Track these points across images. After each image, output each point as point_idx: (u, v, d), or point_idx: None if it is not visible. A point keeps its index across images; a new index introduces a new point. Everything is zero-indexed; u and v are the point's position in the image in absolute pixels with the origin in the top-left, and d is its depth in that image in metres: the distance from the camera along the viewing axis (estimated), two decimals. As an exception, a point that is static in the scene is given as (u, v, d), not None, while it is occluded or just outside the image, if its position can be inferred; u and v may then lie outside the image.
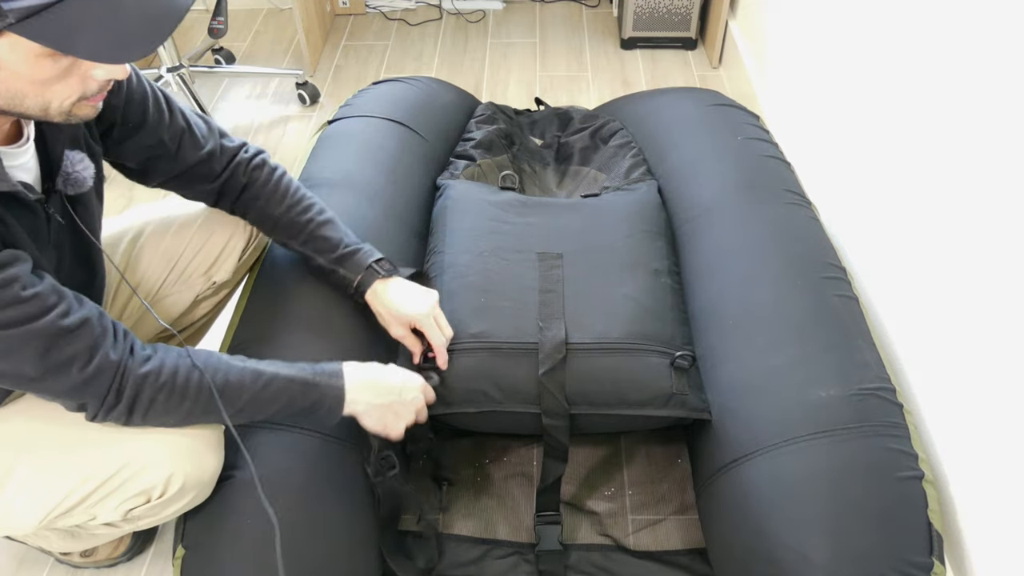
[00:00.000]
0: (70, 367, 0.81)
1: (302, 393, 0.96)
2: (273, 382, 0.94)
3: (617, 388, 1.16)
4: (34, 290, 0.79)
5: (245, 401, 0.93)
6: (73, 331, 0.81)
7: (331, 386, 0.98)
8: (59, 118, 0.78)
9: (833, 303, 1.21)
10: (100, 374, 0.83)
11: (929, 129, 1.16)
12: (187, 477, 0.94)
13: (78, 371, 0.82)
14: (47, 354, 0.80)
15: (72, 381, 0.82)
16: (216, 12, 2.15)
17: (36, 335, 0.79)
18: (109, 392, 0.85)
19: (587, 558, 1.22)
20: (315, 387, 0.97)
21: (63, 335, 0.80)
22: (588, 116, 1.83)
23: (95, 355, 0.83)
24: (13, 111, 0.76)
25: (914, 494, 0.99)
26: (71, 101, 0.77)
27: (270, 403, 0.94)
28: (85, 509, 0.94)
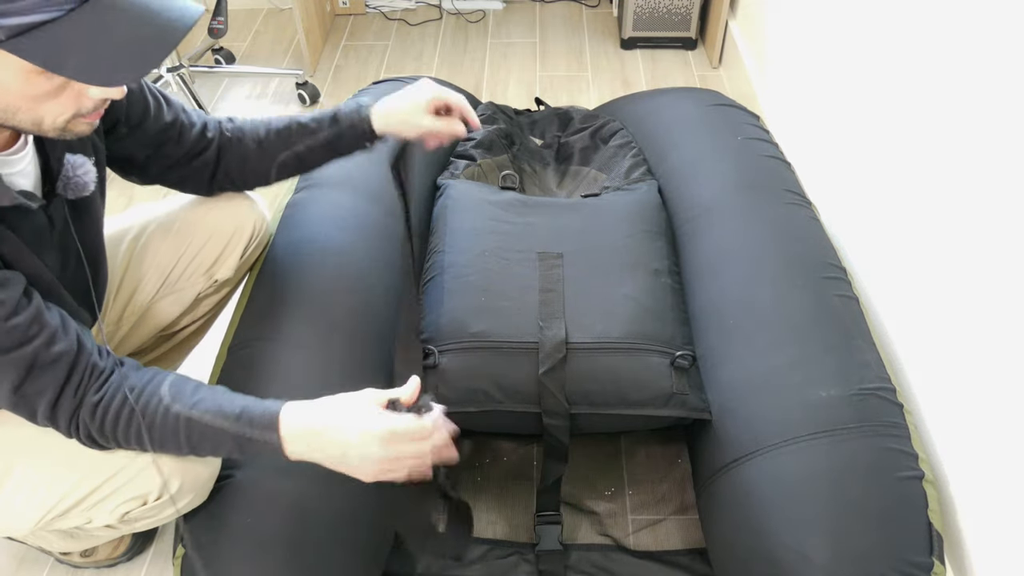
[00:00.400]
0: (40, 399, 0.82)
1: (239, 449, 0.87)
2: (204, 437, 0.86)
3: (617, 388, 1.16)
4: (16, 320, 0.78)
5: (185, 451, 0.88)
6: (46, 366, 0.81)
7: (263, 443, 0.85)
8: (53, 133, 0.77)
9: (833, 303, 1.21)
10: (61, 411, 0.83)
11: (929, 129, 1.16)
12: (184, 480, 0.94)
13: (45, 406, 0.82)
14: (21, 385, 0.80)
15: (42, 411, 0.83)
16: (216, 12, 2.16)
17: (11, 365, 0.79)
18: (70, 426, 0.84)
19: (587, 558, 1.22)
20: (248, 443, 0.86)
21: (39, 367, 0.80)
22: (588, 116, 1.83)
23: (62, 393, 0.82)
24: (6, 124, 0.76)
25: (914, 494, 0.99)
26: (65, 118, 0.76)
27: (209, 449, 0.88)
28: (82, 512, 0.94)
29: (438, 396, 1.17)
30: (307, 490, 1.01)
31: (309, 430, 0.85)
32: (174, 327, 1.25)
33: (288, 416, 0.85)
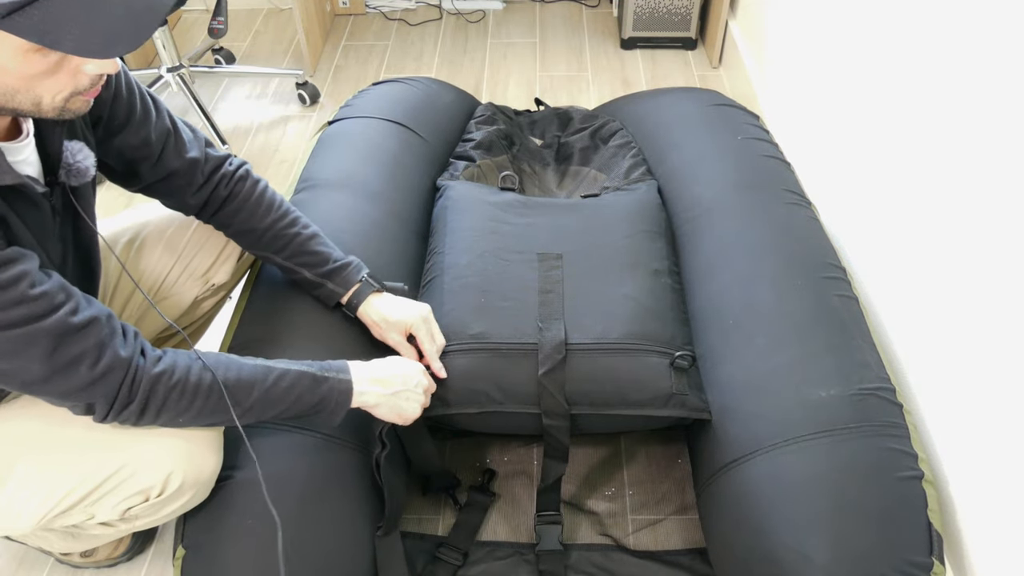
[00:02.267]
0: (78, 366, 0.81)
1: (311, 388, 0.96)
2: (283, 378, 0.94)
3: (617, 388, 1.16)
4: (42, 288, 0.78)
5: (255, 399, 0.93)
6: (81, 329, 0.80)
7: (339, 380, 0.99)
8: (52, 114, 0.77)
9: (833, 303, 1.21)
10: (110, 372, 0.83)
11: (929, 129, 1.16)
12: (185, 476, 0.94)
13: (87, 370, 0.81)
14: (54, 353, 0.79)
15: (80, 380, 0.81)
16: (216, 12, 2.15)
17: (43, 334, 0.78)
18: (120, 391, 0.84)
19: (587, 558, 1.22)
20: (324, 381, 0.97)
21: (71, 333, 0.80)
22: (588, 116, 1.83)
23: (104, 353, 0.82)
24: (5, 107, 0.76)
25: (914, 494, 0.99)
26: (63, 96, 0.76)
27: (279, 400, 0.94)
28: (84, 508, 0.94)
29: (438, 397, 1.17)
30: (307, 490, 1.02)
31: (373, 373, 1.03)
32: (171, 329, 1.25)
33: (355, 364, 1.02)
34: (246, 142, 2.21)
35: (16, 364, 0.79)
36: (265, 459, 1.02)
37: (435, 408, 1.16)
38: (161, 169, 1.05)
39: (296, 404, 0.96)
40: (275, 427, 1.05)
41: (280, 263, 1.15)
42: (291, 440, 1.05)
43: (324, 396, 0.97)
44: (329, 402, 0.98)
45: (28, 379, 0.80)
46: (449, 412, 1.17)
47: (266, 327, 1.18)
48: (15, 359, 0.78)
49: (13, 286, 0.76)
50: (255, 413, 0.94)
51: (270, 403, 0.94)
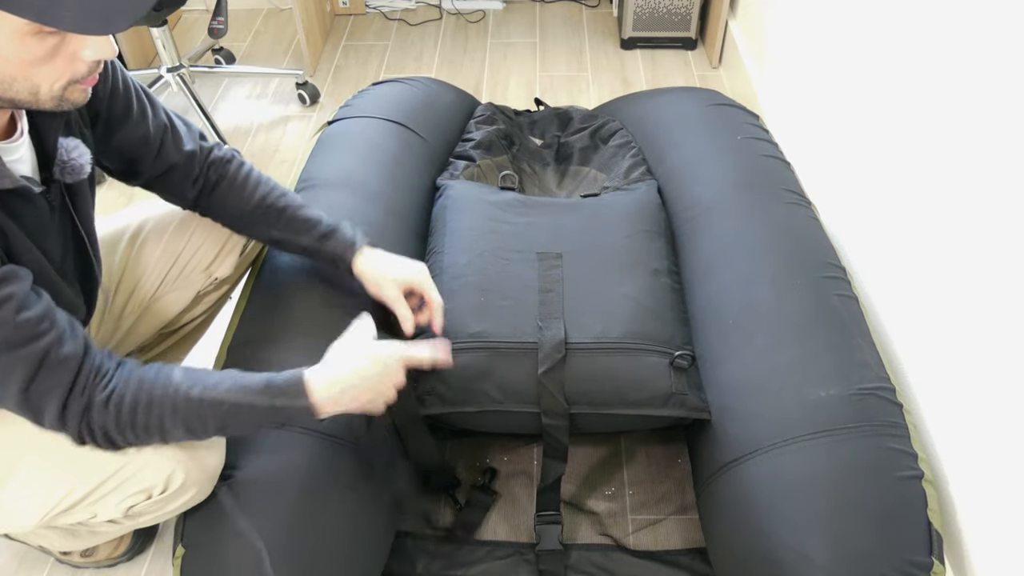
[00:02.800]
0: (47, 401, 0.80)
1: (270, 416, 0.90)
2: (235, 413, 0.88)
3: (616, 388, 1.16)
4: (26, 315, 0.78)
5: (211, 430, 0.89)
6: (55, 366, 0.80)
7: (296, 408, 0.90)
8: (50, 103, 0.77)
9: (833, 303, 1.21)
10: (70, 413, 0.82)
11: (929, 129, 1.16)
12: (188, 474, 0.94)
13: (54, 408, 0.81)
14: (27, 386, 0.79)
15: (47, 415, 0.81)
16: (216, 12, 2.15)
17: (20, 362, 0.78)
18: (81, 428, 0.83)
19: (587, 558, 1.22)
20: (281, 411, 0.90)
21: (45, 367, 0.79)
22: (588, 116, 1.83)
23: (70, 394, 0.81)
24: (3, 97, 0.75)
25: (914, 494, 0.99)
26: (61, 84, 0.76)
27: (238, 427, 0.91)
28: (86, 506, 0.94)
29: (438, 396, 1.17)
30: (307, 490, 1.02)
31: (335, 384, 0.91)
32: (175, 324, 1.25)
33: (313, 380, 0.90)
34: (246, 142, 2.21)
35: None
36: (265, 458, 1.02)
37: (435, 407, 1.17)
38: (161, 163, 1.05)
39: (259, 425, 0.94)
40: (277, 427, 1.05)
41: (276, 236, 1.15)
42: (290, 439, 1.05)
43: (287, 420, 0.92)
44: (293, 422, 0.95)
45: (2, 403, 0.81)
46: (449, 411, 1.17)
47: (267, 325, 1.18)
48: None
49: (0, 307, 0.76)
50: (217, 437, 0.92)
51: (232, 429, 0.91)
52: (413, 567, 1.20)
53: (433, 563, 1.21)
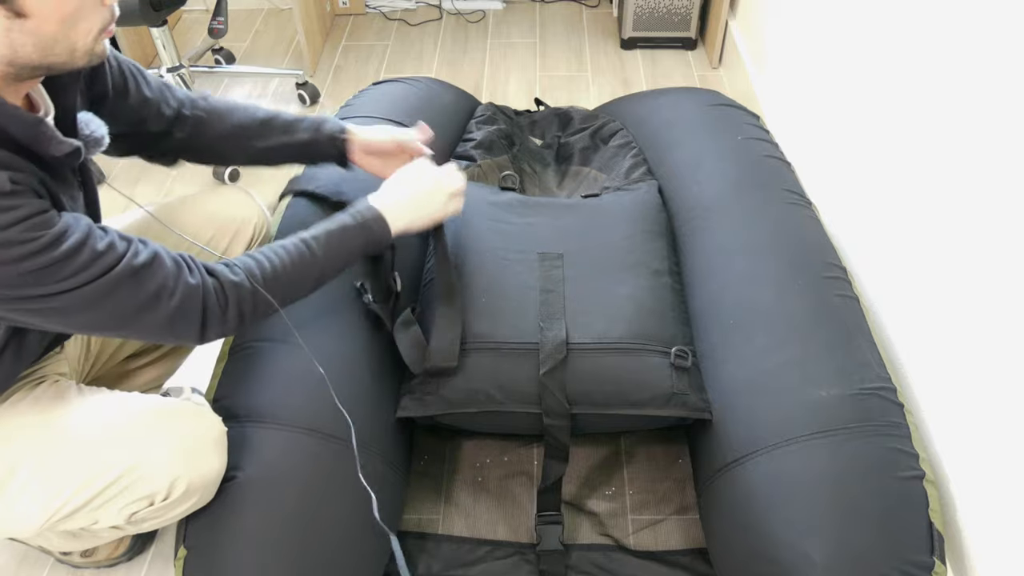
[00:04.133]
0: (159, 300, 0.86)
1: (358, 236, 1.05)
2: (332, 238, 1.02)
3: (618, 388, 1.16)
4: (105, 241, 0.83)
5: (321, 266, 1.01)
6: (149, 267, 0.86)
7: (372, 218, 1.07)
8: (84, 59, 0.81)
9: (834, 302, 1.21)
10: (188, 299, 0.88)
11: (929, 128, 1.16)
12: (191, 480, 0.94)
13: (167, 300, 0.87)
14: (134, 294, 0.84)
15: (165, 311, 0.87)
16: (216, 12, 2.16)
17: (119, 280, 0.83)
18: (206, 311, 0.90)
19: (588, 558, 1.22)
20: (362, 228, 1.06)
21: (142, 272, 0.85)
22: (588, 116, 1.83)
23: (178, 284, 0.88)
24: (42, 64, 0.78)
25: (915, 494, 0.99)
26: (93, 35, 0.80)
27: (340, 257, 1.03)
28: (88, 513, 0.94)
29: (438, 397, 1.17)
30: (307, 490, 1.02)
31: (400, 209, 1.10)
32: None
33: (379, 203, 1.09)
34: (246, 142, 2.21)
35: (105, 312, 0.83)
36: (263, 459, 1.02)
37: (436, 407, 1.17)
38: (164, 121, 1.11)
39: (354, 252, 1.05)
40: (274, 426, 1.05)
41: (272, 144, 1.20)
42: (290, 439, 1.05)
43: (367, 240, 1.06)
44: (372, 244, 1.07)
45: (119, 322, 0.85)
46: (449, 411, 1.17)
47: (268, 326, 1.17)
48: (101, 309, 0.83)
49: (82, 247, 0.80)
50: (326, 277, 1.03)
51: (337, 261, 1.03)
52: (413, 567, 1.20)
53: (433, 563, 1.21)
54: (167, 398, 1.00)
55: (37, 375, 1.00)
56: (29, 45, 0.76)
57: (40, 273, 0.78)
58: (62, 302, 0.80)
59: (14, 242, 0.75)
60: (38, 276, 0.78)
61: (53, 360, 1.03)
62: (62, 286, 0.79)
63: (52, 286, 0.79)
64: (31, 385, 0.97)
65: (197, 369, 1.47)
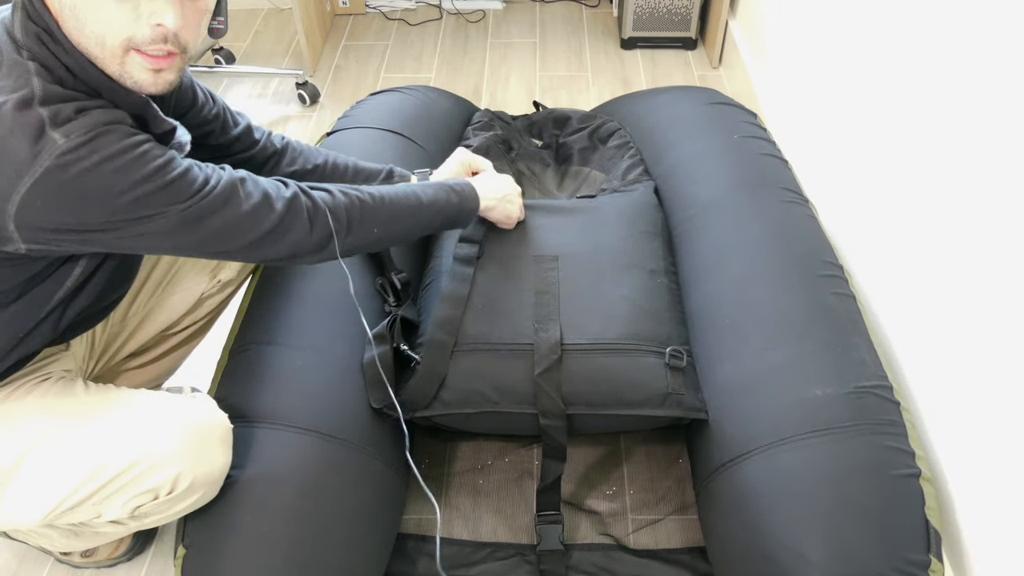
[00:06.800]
0: (264, 206, 0.92)
1: (446, 210, 1.14)
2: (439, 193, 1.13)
3: (613, 388, 1.16)
4: (205, 166, 0.89)
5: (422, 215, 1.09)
6: (246, 181, 0.92)
7: (469, 198, 1.18)
8: (115, 67, 0.82)
9: (830, 301, 1.21)
10: (292, 202, 0.95)
11: (927, 128, 1.16)
12: (196, 475, 0.94)
13: (274, 204, 0.93)
14: (243, 203, 0.90)
15: (274, 213, 0.93)
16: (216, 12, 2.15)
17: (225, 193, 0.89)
18: (314, 214, 0.96)
19: (588, 558, 1.22)
20: (456, 205, 1.16)
21: (243, 186, 0.91)
22: (586, 117, 1.83)
23: (279, 191, 0.95)
24: (79, 45, 0.81)
25: (911, 492, 1.00)
26: (121, 40, 0.80)
27: (437, 214, 1.13)
28: (92, 506, 0.94)
29: (436, 397, 1.17)
30: (306, 489, 1.02)
31: (488, 192, 1.23)
32: (176, 327, 1.25)
33: (477, 184, 1.22)
34: (246, 142, 2.21)
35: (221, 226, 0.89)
36: (265, 458, 1.02)
37: (433, 408, 1.17)
38: (225, 138, 1.16)
39: (439, 216, 1.13)
40: (273, 427, 1.06)
41: None
42: (290, 440, 1.05)
43: (459, 209, 1.17)
44: (463, 214, 1.18)
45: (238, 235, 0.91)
46: (447, 412, 1.17)
47: (269, 328, 1.18)
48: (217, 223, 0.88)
49: (190, 169, 0.87)
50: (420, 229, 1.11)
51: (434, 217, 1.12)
52: (414, 568, 1.21)
53: (433, 564, 1.21)
54: (173, 394, 1.01)
55: (43, 371, 1.00)
56: None
57: (166, 189, 0.83)
58: (183, 218, 0.85)
59: (143, 157, 0.81)
60: (165, 192, 0.83)
61: (59, 357, 1.04)
62: (184, 204, 0.85)
63: (176, 205, 0.84)
64: (37, 380, 0.98)
65: (197, 369, 1.47)
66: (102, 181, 0.79)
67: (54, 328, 0.95)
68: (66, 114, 0.78)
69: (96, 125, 0.79)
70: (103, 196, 0.79)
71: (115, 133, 0.80)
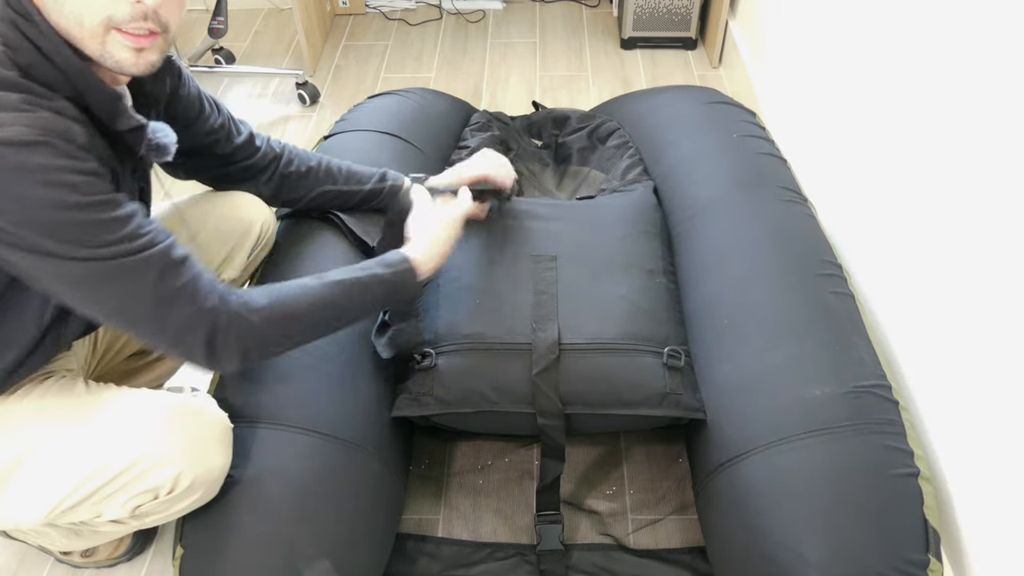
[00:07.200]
0: (179, 299, 0.85)
1: (384, 287, 1.03)
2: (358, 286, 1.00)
3: (611, 388, 1.16)
4: (149, 226, 0.85)
5: (339, 312, 0.99)
6: (181, 264, 0.86)
7: (404, 272, 1.05)
8: (95, 48, 0.81)
9: (829, 300, 1.21)
10: (206, 313, 0.87)
11: (927, 127, 1.16)
12: (196, 475, 0.94)
13: (186, 303, 0.86)
14: (159, 283, 0.84)
15: (184, 313, 0.86)
16: (216, 12, 2.16)
17: (150, 264, 0.83)
18: (217, 333, 0.88)
19: (588, 558, 1.22)
20: (392, 281, 1.04)
21: (173, 266, 0.85)
22: (585, 116, 1.83)
23: (200, 292, 0.87)
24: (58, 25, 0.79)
25: (910, 491, 1.00)
26: (100, 19, 0.79)
27: (362, 305, 1.02)
28: (92, 505, 0.94)
29: (435, 398, 1.17)
30: (305, 489, 1.02)
31: (428, 251, 1.10)
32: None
33: (412, 253, 1.08)
34: (246, 142, 2.21)
35: (127, 294, 0.83)
36: (264, 458, 1.02)
37: (431, 408, 1.17)
38: (229, 148, 1.16)
39: (378, 302, 1.04)
40: (273, 426, 1.06)
41: (341, 189, 1.27)
42: (290, 439, 1.05)
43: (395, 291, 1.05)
44: (400, 293, 1.06)
45: (138, 313, 0.84)
46: (445, 411, 1.18)
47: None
48: (123, 286, 0.82)
49: (127, 221, 0.82)
50: (344, 323, 1.01)
51: (358, 310, 1.02)
52: (414, 568, 1.21)
53: (433, 564, 1.21)
54: (173, 393, 1.01)
55: (45, 370, 1.00)
56: None
57: (84, 227, 0.78)
58: (91, 269, 0.80)
59: (74, 187, 0.77)
60: (81, 230, 0.78)
61: (61, 357, 1.04)
62: (99, 252, 0.80)
63: (88, 249, 0.79)
64: (39, 379, 0.98)
65: (197, 369, 1.47)
66: (17, 189, 0.75)
67: (56, 343, 0.95)
68: (10, 102, 0.76)
69: (38, 130, 0.76)
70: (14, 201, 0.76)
71: (51, 148, 0.76)
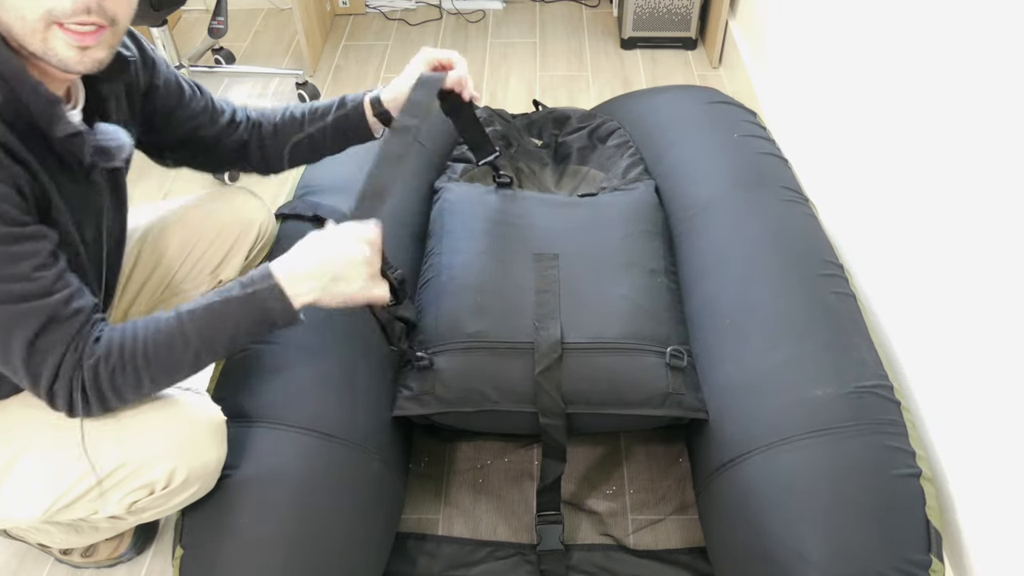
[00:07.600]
0: (48, 357, 0.81)
1: (247, 312, 0.89)
2: (213, 315, 0.88)
3: (613, 388, 1.16)
4: (44, 273, 0.80)
5: (195, 346, 0.88)
6: (63, 321, 0.81)
7: (266, 289, 0.89)
8: (38, 44, 0.77)
9: (830, 300, 1.21)
10: (64, 370, 0.82)
11: (927, 127, 1.16)
12: (191, 469, 0.94)
13: (52, 365, 0.82)
14: (34, 339, 0.80)
15: (45, 372, 0.82)
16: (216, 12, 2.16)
17: (30, 314, 0.79)
18: (72, 387, 0.83)
19: (588, 558, 1.22)
20: (255, 302, 0.89)
21: (54, 322, 0.81)
22: (585, 116, 1.83)
23: (67, 349, 0.82)
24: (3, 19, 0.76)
25: (912, 492, 0.99)
26: (40, 14, 0.75)
27: (221, 334, 0.89)
28: (88, 502, 0.94)
29: (436, 397, 1.17)
30: (305, 489, 1.02)
31: (299, 272, 0.91)
32: None
33: (277, 263, 0.92)
34: (246, 142, 2.21)
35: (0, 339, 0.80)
36: (263, 458, 1.02)
37: (432, 407, 1.17)
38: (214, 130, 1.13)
39: (239, 330, 0.90)
40: (273, 427, 1.06)
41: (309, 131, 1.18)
42: (290, 439, 1.05)
43: (263, 311, 0.90)
44: (272, 314, 0.91)
45: (6, 358, 0.81)
46: (446, 411, 1.17)
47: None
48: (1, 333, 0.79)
49: (19, 262, 0.78)
50: (205, 355, 0.89)
51: (212, 342, 0.89)
52: (413, 568, 1.21)
53: (433, 564, 1.21)
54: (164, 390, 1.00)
55: None
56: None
57: None
58: None
59: None
60: None
61: None
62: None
63: None
64: None
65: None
66: None
67: None
68: None
69: None
70: None
71: None
